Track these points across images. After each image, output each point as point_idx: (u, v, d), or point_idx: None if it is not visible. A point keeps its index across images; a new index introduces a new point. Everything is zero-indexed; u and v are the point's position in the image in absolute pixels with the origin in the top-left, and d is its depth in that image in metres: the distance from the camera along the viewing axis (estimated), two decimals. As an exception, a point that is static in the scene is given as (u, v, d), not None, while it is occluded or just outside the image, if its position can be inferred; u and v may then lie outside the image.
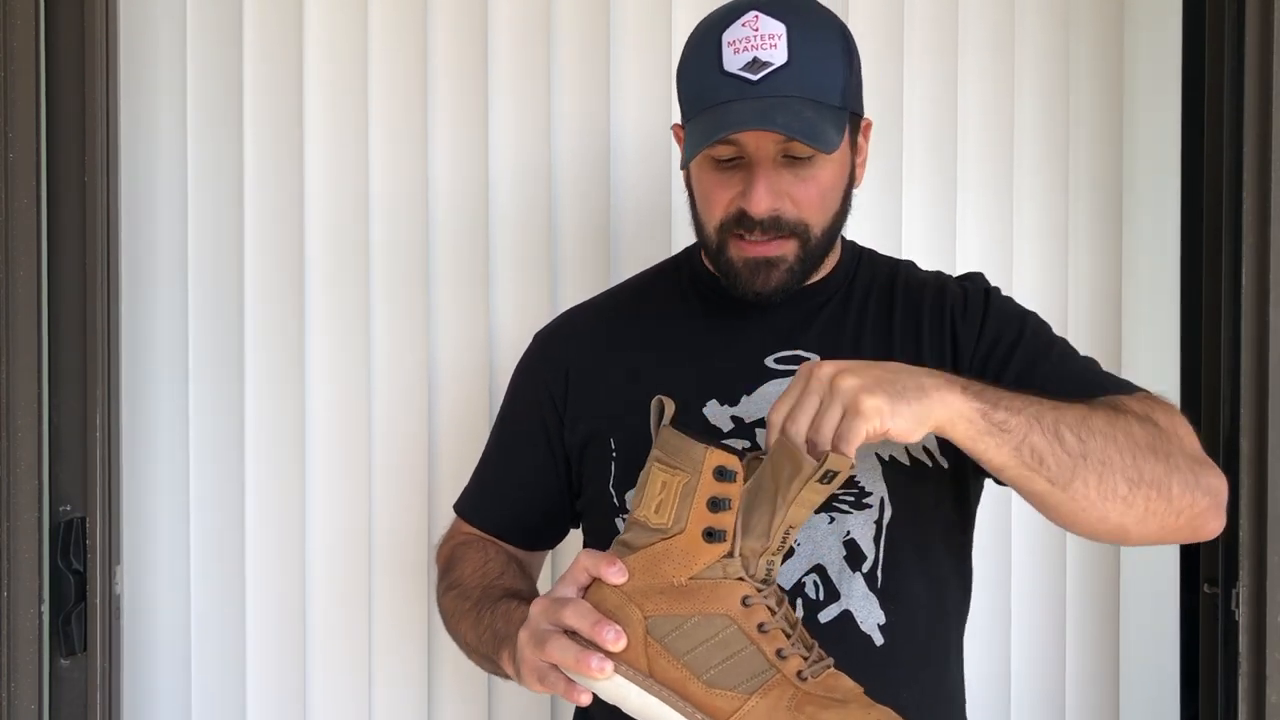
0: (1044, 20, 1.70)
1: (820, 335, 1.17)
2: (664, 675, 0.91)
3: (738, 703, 0.89)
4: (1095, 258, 1.71)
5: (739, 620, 0.91)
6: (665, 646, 0.91)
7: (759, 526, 0.92)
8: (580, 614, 0.92)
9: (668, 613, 0.91)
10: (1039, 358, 1.14)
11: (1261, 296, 1.33)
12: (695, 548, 0.91)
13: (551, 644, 0.93)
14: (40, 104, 1.38)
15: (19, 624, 1.36)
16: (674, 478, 0.92)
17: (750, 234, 1.10)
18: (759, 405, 1.13)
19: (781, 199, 1.09)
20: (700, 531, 0.91)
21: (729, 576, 0.91)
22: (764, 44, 1.06)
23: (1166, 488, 0.99)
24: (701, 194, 1.15)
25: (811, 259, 1.14)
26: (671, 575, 0.92)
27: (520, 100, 1.65)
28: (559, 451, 1.22)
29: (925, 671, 1.15)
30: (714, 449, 0.92)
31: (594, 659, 0.90)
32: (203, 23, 1.63)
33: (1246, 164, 1.34)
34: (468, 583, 1.18)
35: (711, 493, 0.91)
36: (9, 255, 1.36)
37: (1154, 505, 0.99)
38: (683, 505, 0.91)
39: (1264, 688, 1.32)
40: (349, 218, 1.64)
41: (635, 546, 0.93)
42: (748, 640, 0.91)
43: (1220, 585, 1.46)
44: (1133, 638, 1.69)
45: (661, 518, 0.92)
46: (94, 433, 1.41)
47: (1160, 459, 0.99)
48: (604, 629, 0.91)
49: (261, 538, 1.65)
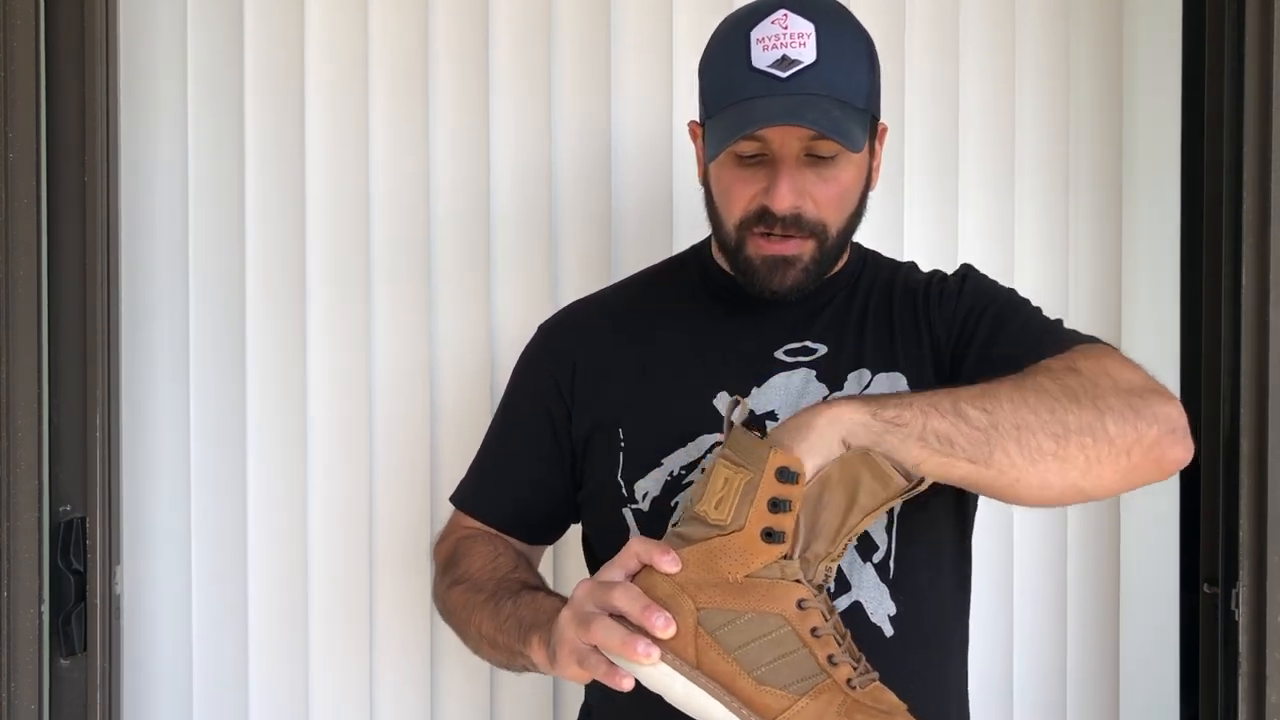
0: (1044, 20, 1.70)
1: (826, 328, 1.18)
2: (712, 668, 0.90)
3: (787, 702, 0.88)
4: (1095, 257, 1.71)
5: (793, 622, 0.91)
6: (716, 640, 0.90)
7: (825, 532, 0.92)
8: (630, 597, 0.91)
9: (721, 606, 0.90)
10: (1006, 321, 1.13)
11: (1261, 296, 1.33)
12: (753, 546, 0.91)
13: (597, 625, 0.91)
14: (40, 104, 1.38)
15: (19, 624, 1.36)
16: (737, 475, 0.92)
17: (771, 231, 1.11)
18: (769, 397, 1.14)
19: (803, 197, 1.10)
20: (759, 531, 0.91)
21: (786, 578, 0.91)
22: (793, 42, 1.07)
23: (1101, 429, 0.95)
24: (722, 190, 1.15)
25: (827, 259, 1.15)
26: (727, 571, 0.91)
27: (521, 98, 1.65)
28: (564, 443, 1.22)
29: (933, 663, 1.15)
30: (778, 450, 0.91)
31: (641, 643, 0.89)
32: (203, 22, 1.63)
33: (1246, 164, 1.34)
34: (478, 576, 1.18)
35: (773, 493, 0.91)
36: (9, 255, 1.36)
37: (1093, 451, 0.95)
38: (743, 503, 0.91)
39: (1264, 688, 1.32)
40: (350, 216, 1.64)
41: (692, 539, 0.93)
42: (800, 642, 0.90)
43: (1220, 585, 1.46)
44: (1133, 638, 1.69)
45: (721, 514, 0.92)
46: (94, 433, 1.41)
47: (1086, 403, 0.95)
48: (654, 614, 0.89)
49: (262, 537, 1.65)
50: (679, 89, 1.64)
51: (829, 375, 1.15)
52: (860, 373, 1.15)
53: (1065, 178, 1.70)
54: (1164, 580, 1.71)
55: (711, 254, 1.25)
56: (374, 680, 1.65)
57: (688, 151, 1.30)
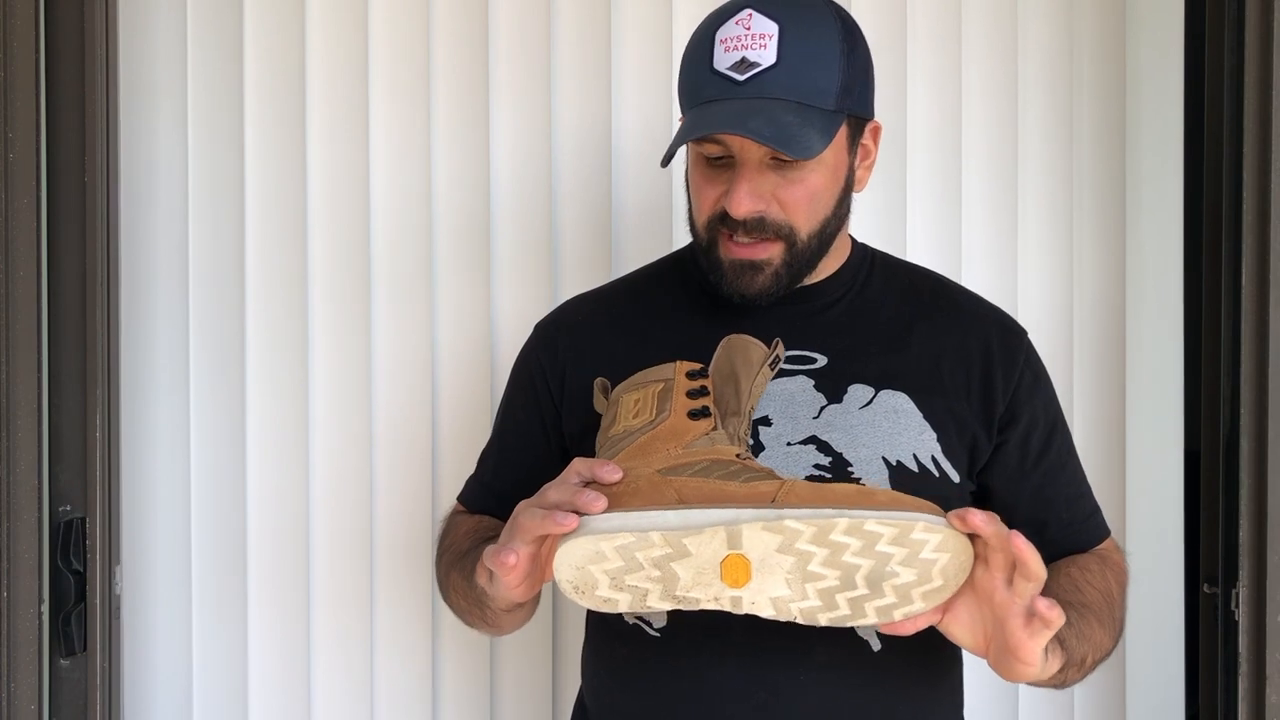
0: (1047, 22, 1.69)
1: (827, 336, 1.17)
2: (699, 494, 0.88)
3: (779, 485, 0.88)
4: (1098, 258, 1.70)
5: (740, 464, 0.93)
6: (688, 478, 0.89)
7: (731, 405, 0.98)
8: (563, 481, 0.91)
9: (674, 465, 0.91)
10: (1056, 471, 1.20)
11: (1261, 296, 1.33)
12: (684, 425, 0.94)
13: (549, 491, 0.91)
14: (40, 104, 1.38)
15: (19, 624, 1.36)
16: (646, 391, 0.96)
17: (734, 234, 1.10)
18: (763, 403, 1.13)
19: (767, 201, 1.09)
20: (685, 412, 0.95)
21: (718, 443, 0.94)
22: (754, 44, 1.05)
23: (1117, 634, 1.13)
24: (694, 190, 1.15)
25: (800, 263, 1.13)
26: (667, 450, 0.93)
27: (521, 98, 1.65)
28: (555, 441, 1.22)
29: (923, 677, 1.14)
30: (680, 361, 0.98)
31: (588, 493, 0.88)
32: (203, 23, 1.64)
33: (1246, 164, 1.34)
34: (459, 542, 1.19)
35: (688, 386, 0.96)
36: (9, 255, 1.36)
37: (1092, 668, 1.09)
38: (663, 402, 0.95)
39: (1264, 688, 1.32)
40: (350, 216, 1.64)
41: (622, 448, 0.94)
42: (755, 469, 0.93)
43: (1220, 585, 1.46)
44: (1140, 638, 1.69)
45: (643, 417, 0.95)
46: (94, 433, 1.41)
47: (1116, 620, 1.13)
48: (603, 466, 0.90)
49: (262, 537, 1.65)
50: (679, 89, 1.64)
51: (828, 386, 1.14)
52: (863, 389, 1.14)
53: (1069, 176, 1.70)
54: (1167, 581, 1.71)
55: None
56: (374, 680, 1.66)
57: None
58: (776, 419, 1.12)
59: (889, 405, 1.13)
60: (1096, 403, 1.69)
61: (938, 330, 1.18)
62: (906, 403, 1.13)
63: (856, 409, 1.12)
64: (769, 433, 1.11)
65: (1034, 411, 1.18)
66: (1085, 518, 1.21)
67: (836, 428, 1.11)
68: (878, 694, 1.10)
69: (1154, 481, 1.70)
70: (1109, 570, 1.17)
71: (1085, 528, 1.21)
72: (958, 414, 1.14)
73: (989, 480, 1.17)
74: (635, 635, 1.13)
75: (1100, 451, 1.67)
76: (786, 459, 1.09)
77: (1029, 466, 1.17)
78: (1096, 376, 1.70)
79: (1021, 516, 1.17)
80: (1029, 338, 1.22)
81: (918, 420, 1.12)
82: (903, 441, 1.11)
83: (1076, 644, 1.04)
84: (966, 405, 1.15)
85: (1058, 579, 1.13)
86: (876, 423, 1.11)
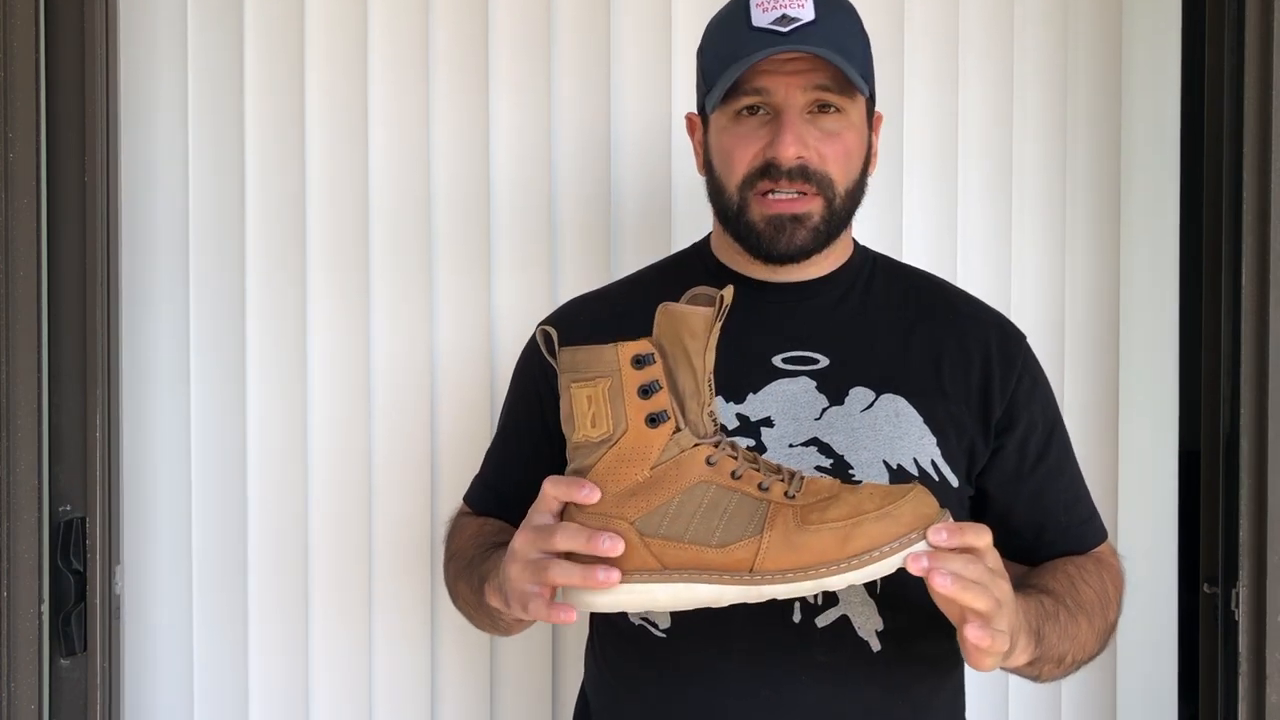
0: (1043, 21, 1.70)
1: (829, 337, 1.17)
2: (677, 561, 0.91)
3: (754, 546, 0.90)
4: (1094, 257, 1.71)
5: (713, 479, 0.93)
6: (664, 538, 0.92)
7: (689, 388, 0.94)
8: (571, 534, 0.92)
9: (648, 508, 0.92)
10: (1055, 474, 1.20)
11: (1261, 296, 1.33)
12: (644, 439, 0.93)
13: (554, 570, 0.92)
14: (40, 104, 1.38)
15: (19, 624, 1.36)
16: (595, 388, 0.94)
17: (776, 185, 1.11)
18: (765, 403, 1.13)
19: (809, 149, 1.10)
20: (643, 420, 0.93)
21: (685, 448, 0.93)
22: (792, 3, 1.08)
23: (1109, 637, 1.16)
24: (723, 152, 1.15)
25: (834, 223, 1.14)
26: (634, 474, 0.93)
27: (521, 97, 1.65)
28: (557, 440, 1.22)
29: (924, 678, 1.15)
30: (622, 343, 0.94)
31: (599, 571, 0.90)
32: (203, 23, 1.63)
33: (1246, 164, 1.34)
34: (465, 548, 1.20)
35: (638, 382, 0.93)
36: (9, 255, 1.36)
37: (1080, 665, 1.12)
38: (615, 408, 0.93)
39: (1264, 688, 1.32)
40: (349, 216, 1.64)
41: (588, 466, 0.94)
42: (730, 491, 0.92)
43: (1220, 585, 1.46)
44: (1131, 638, 1.69)
45: (601, 429, 0.94)
46: (94, 433, 1.41)
47: (1109, 622, 1.15)
48: (599, 539, 0.91)
49: (263, 537, 1.65)
50: (679, 88, 1.64)
51: (830, 388, 1.14)
52: (865, 392, 1.14)
53: (1064, 177, 1.70)
54: (1164, 580, 1.71)
55: (712, 251, 1.25)
56: (373, 680, 1.66)
57: (687, 149, 1.30)
58: (779, 420, 1.12)
59: (890, 409, 1.13)
60: (1090, 402, 1.69)
61: (937, 334, 1.18)
62: (907, 407, 1.13)
63: (858, 412, 1.12)
64: (771, 434, 1.11)
65: (1032, 415, 1.18)
66: (1083, 521, 1.21)
67: (838, 430, 1.11)
68: (878, 694, 1.10)
69: (1147, 482, 1.71)
70: (1106, 574, 1.18)
71: (1083, 531, 1.21)
72: (957, 418, 1.14)
73: (987, 484, 1.17)
74: (640, 636, 1.14)
75: (1094, 451, 1.67)
76: (788, 461, 1.09)
77: (1027, 470, 1.18)
78: (1090, 376, 1.70)
79: (1019, 520, 1.17)
80: (1028, 342, 1.22)
81: (918, 424, 1.13)
82: (903, 445, 1.11)
83: (1057, 641, 1.04)
84: (965, 409, 1.15)
85: (1055, 575, 1.14)
86: (878, 426, 1.12)
